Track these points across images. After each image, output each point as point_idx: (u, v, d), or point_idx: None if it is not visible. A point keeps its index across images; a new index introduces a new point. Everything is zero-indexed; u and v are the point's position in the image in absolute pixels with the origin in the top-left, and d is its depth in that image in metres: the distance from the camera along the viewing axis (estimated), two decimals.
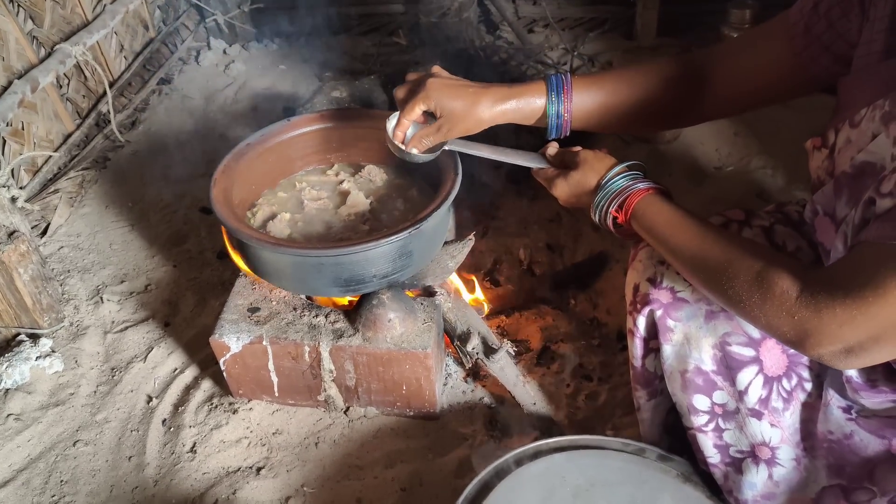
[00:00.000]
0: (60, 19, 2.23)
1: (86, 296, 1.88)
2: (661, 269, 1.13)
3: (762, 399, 1.06)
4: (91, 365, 1.70)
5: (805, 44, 1.05)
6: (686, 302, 1.10)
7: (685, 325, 1.10)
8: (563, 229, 2.00)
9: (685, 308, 1.10)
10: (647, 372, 1.22)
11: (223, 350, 1.46)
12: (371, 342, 1.41)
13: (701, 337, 1.09)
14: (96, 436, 1.55)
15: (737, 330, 1.06)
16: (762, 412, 1.07)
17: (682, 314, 1.10)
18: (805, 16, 1.05)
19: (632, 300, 1.18)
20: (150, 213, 2.16)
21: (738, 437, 1.11)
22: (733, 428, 1.11)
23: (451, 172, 1.44)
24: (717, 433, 1.13)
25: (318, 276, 1.36)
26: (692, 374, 1.10)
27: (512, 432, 1.50)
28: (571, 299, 1.80)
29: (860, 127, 0.90)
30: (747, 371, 1.06)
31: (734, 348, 1.07)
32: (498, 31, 2.93)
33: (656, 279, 1.13)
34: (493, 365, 1.50)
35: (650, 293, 1.13)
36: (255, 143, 1.56)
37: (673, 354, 1.13)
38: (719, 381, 1.09)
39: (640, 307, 1.14)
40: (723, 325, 1.07)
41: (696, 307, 1.09)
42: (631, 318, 1.18)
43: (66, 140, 2.27)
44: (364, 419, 1.54)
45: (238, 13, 2.93)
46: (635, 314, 1.16)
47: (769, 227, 1.16)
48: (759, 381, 1.06)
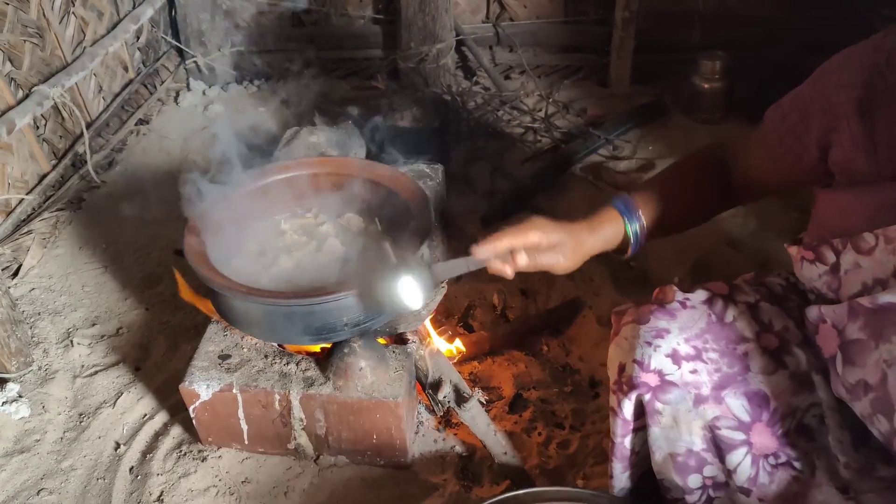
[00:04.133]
0: (39, 61, 2.24)
1: (56, 339, 1.87)
2: (647, 351, 1.10)
3: (751, 478, 1.06)
4: (58, 410, 1.68)
5: (780, 154, 1.08)
6: (675, 385, 1.08)
7: (673, 409, 1.08)
8: (536, 275, 2.01)
9: (673, 391, 1.08)
10: (626, 450, 1.19)
11: (193, 398, 1.45)
12: (342, 391, 1.41)
13: (691, 420, 1.07)
14: (61, 484, 1.52)
15: (726, 414, 1.05)
16: (751, 490, 1.06)
17: (670, 397, 1.08)
18: (776, 128, 1.08)
19: (616, 380, 1.14)
20: (124, 255, 2.15)
21: (727, 502, 1.11)
22: (723, 496, 1.11)
23: (424, 220, 1.45)
24: (707, 502, 1.12)
25: (289, 325, 1.36)
26: (684, 457, 1.09)
27: (483, 482, 1.50)
28: (544, 345, 1.81)
29: (874, 256, 0.90)
30: (737, 453, 1.06)
31: (724, 432, 1.06)
32: (475, 77, 2.98)
33: (644, 361, 1.10)
34: (464, 414, 1.51)
35: (638, 376, 1.09)
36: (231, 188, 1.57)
37: (662, 437, 1.10)
38: (709, 458, 1.09)
39: (627, 390, 1.11)
40: (712, 410, 1.06)
41: (684, 391, 1.07)
42: (615, 397, 1.14)
43: (41, 180, 2.26)
44: (334, 468, 1.53)
45: (218, 55, 2.95)
46: (620, 395, 1.12)
47: (755, 303, 1.14)
48: (749, 460, 1.06)
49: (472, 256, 1.14)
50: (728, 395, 1.06)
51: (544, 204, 2.28)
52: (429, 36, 2.79)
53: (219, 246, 1.50)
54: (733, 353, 1.09)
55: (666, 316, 1.12)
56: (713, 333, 1.11)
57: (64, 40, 2.34)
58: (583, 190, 2.35)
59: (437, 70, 2.87)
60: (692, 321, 1.11)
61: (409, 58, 2.85)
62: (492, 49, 2.97)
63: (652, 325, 1.12)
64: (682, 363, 1.08)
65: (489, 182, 2.40)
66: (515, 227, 1.15)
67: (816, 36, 2.70)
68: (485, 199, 2.32)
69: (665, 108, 2.70)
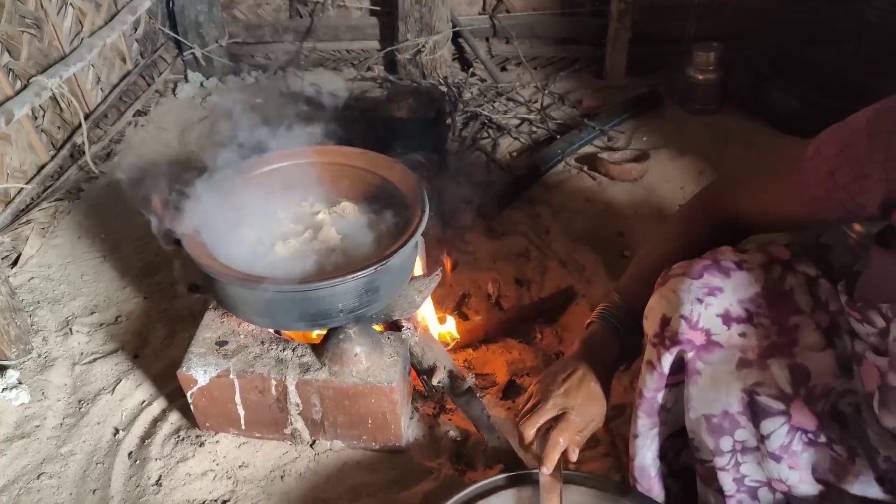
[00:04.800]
0: (38, 52, 2.25)
1: (55, 327, 1.89)
2: (698, 308, 1.05)
3: (784, 446, 1.03)
4: (58, 397, 1.70)
5: (827, 206, 1.01)
6: (720, 346, 1.05)
7: (714, 369, 1.05)
8: (530, 264, 2.04)
9: (717, 352, 1.05)
10: (657, 404, 1.16)
11: (190, 383, 1.47)
12: (337, 376, 1.43)
13: (730, 382, 1.04)
14: (61, 468, 1.55)
15: (769, 382, 1.03)
16: (782, 456, 1.04)
17: (713, 358, 1.05)
18: (822, 181, 0.99)
19: (658, 332, 1.10)
20: (123, 245, 2.17)
21: (755, 469, 1.08)
22: (751, 461, 1.08)
23: (419, 210, 1.47)
24: (735, 468, 1.09)
25: (285, 311, 1.38)
26: (719, 419, 1.06)
27: (476, 465, 1.52)
28: (538, 333, 1.83)
29: None
30: (774, 420, 1.03)
31: (763, 399, 1.03)
32: (471, 68, 3.00)
33: (692, 318, 1.05)
34: (458, 399, 1.53)
35: (684, 333, 1.06)
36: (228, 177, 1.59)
37: (698, 397, 1.08)
38: (742, 422, 1.05)
39: (670, 345, 1.08)
40: (754, 376, 1.04)
41: (729, 353, 1.05)
42: (655, 350, 1.11)
43: (39, 171, 2.28)
44: (330, 452, 1.55)
45: (215, 47, 2.97)
46: (661, 349, 1.09)
47: (814, 278, 1.09)
48: (784, 429, 1.03)
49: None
50: (773, 364, 1.03)
51: (539, 195, 2.30)
52: (425, 27, 2.80)
53: (215, 234, 1.53)
54: (785, 324, 1.05)
55: (720, 274, 1.07)
56: (768, 299, 1.06)
57: (62, 31, 2.36)
58: (578, 181, 2.37)
59: (434, 62, 2.88)
60: (748, 283, 1.07)
61: (405, 49, 2.87)
62: (488, 41, 2.99)
63: (704, 281, 1.07)
64: (732, 325, 1.05)
65: (484, 173, 2.42)
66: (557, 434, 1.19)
67: (810, 28, 2.73)
68: (480, 189, 2.33)
69: (660, 100, 2.71)
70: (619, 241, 2.10)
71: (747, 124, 2.60)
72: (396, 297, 1.53)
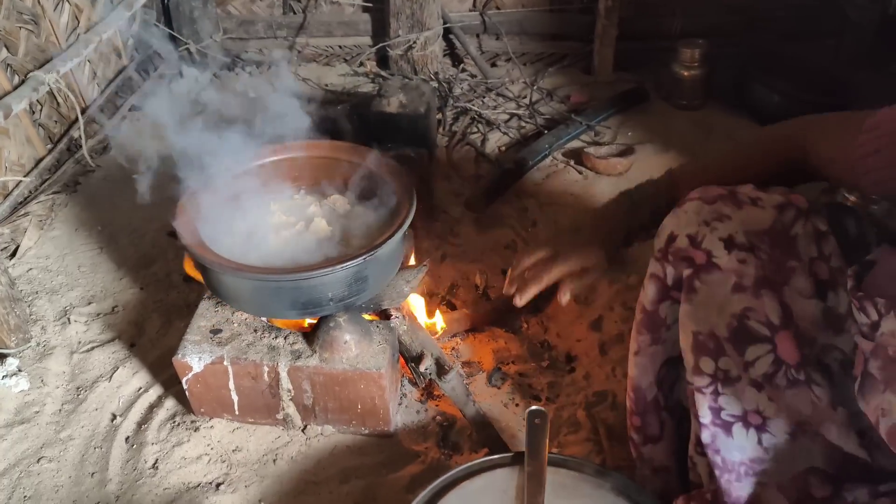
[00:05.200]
0: (35, 48, 2.29)
1: (53, 317, 1.93)
2: (704, 230, 1.12)
3: (767, 374, 1.07)
4: (57, 384, 1.75)
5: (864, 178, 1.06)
6: (719, 269, 1.10)
7: (710, 289, 1.10)
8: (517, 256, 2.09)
9: (715, 274, 1.10)
10: (657, 318, 1.22)
11: (186, 369, 1.52)
12: (328, 363, 1.48)
13: (724, 304, 1.09)
14: (60, 453, 1.60)
15: (759, 309, 1.07)
16: (763, 385, 1.07)
17: (710, 278, 1.10)
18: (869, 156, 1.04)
19: (662, 248, 1.17)
20: (119, 237, 2.22)
21: (732, 402, 1.11)
22: (730, 394, 1.11)
23: (407, 203, 1.52)
24: (713, 396, 1.12)
25: (277, 300, 1.43)
26: (705, 338, 1.11)
27: (462, 450, 1.58)
28: (523, 323, 1.88)
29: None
30: (759, 346, 1.07)
31: (752, 323, 1.07)
32: (462, 64, 3.04)
33: (697, 238, 1.12)
34: (444, 385, 1.58)
35: (686, 250, 1.13)
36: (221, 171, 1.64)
37: (691, 314, 1.12)
38: (728, 349, 1.10)
39: (672, 260, 1.15)
40: (747, 300, 1.08)
41: (726, 276, 1.09)
42: (659, 264, 1.18)
43: (37, 164, 2.32)
44: (321, 437, 1.60)
45: (210, 42, 3.01)
46: (665, 263, 1.16)
47: (824, 233, 1.13)
48: (769, 359, 1.07)
49: None
50: (765, 295, 1.07)
51: (526, 188, 2.35)
52: (416, 24, 2.85)
53: (209, 226, 1.57)
54: (783, 265, 1.09)
55: (732, 205, 1.13)
56: (771, 238, 1.11)
57: (58, 27, 2.40)
58: (564, 174, 2.42)
59: (425, 57, 2.93)
60: (756, 219, 1.12)
61: (397, 45, 2.91)
62: (478, 37, 3.04)
63: (716, 207, 1.13)
64: (733, 251, 1.09)
65: (473, 166, 2.48)
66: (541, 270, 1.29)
67: (794, 24, 2.78)
68: (469, 183, 2.39)
69: (646, 95, 2.77)
70: None
71: (731, 119, 2.66)
72: (385, 286, 1.58)
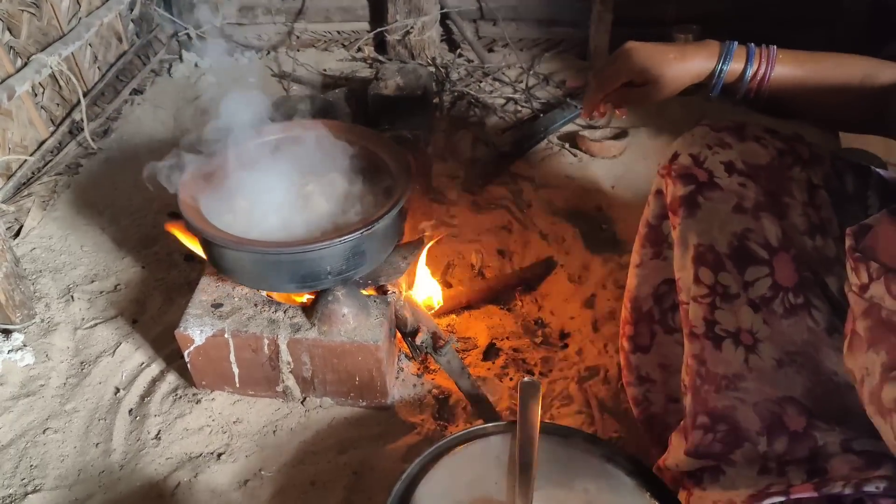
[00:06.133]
0: (37, 31, 2.32)
1: (57, 294, 1.97)
2: (706, 152, 1.16)
3: (765, 297, 1.08)
4: (61, 359, 1.79)
5: None
6: (720, 188, 1.13)
7: (712, 206, 1.13)
8: (512, 237, 2.13)
9: (717, 192, 1.13)
10: (660, 233, 1.28)
11: (187, 342, 1.56)
12: (326, 335, 1.52)
13: (725, 222, 1.12)
14: (65, 424, 1.64)
15: (759, 230, 1.10)
16: (761, 307, 1.09)
17: (713, 195, 1.13)
18: None
19: (667, 165, 1.21)
20: (121, 218, 2.25)
21: (727, 317, 1.12)
22: (727, 310, 1.12)
23: (404, 179, 1.56)
24: (710, 308, 1.13)
25: (276, 273, 1.47)
26: (705, 249, 1.13)
27: (457, 421, 1.62)
28: (518, 300, 1.92)
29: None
30: (758, 268, 1.10)
31: (751, 244, 1.10)
32: (459, 49, 3.07)
33: (699, 157, 1.16)
34: (440, 359, 1.62)
35: (690, 167, 1.16)
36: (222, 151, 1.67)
37: (693, 227, 1.15)
38: (728, 266, 1.11)
39: (675, 175, 1.18)
40: (747, 221, 1.11)
41: (728, 195, 1.13)
42: (662, 180, 1.23)
43: (40, 146, 2.36)
44: (320, 409, 1.64)
45: (209, 27, 3.04)
46: (668, 179, 1.20)
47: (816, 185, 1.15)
48: (768, 282, 1.09)
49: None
50: (765, 218, 1.11)
51: (522, 171, 2.39)
52: (414, 9, 2.88)
53: (210, 203, 1.61)
54: (779, 198, 1.13)
55: (735, 137, 1.17)
56: (769, 173, 1.14)
57: (60, 11, 2.42)
58: (559, 157, 2.45)
59: (423, 43, 2.96)
60: (756, 153, 1.16)
61: (394, 30, 2.94)
62: (476, 22, 3.06)
63: (721, 135, 1.18)
64: (734, 174, 1.13)
65: (470, 150, 2.51)
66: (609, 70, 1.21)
67: (786, 11, 2.81)
68: (466, 165, 2.42)
69: None
70: (598, 215, 2.19)
71: (723, 105, 2.68)
72: (382, 262, 1.62)
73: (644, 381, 1.42)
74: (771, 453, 1.07)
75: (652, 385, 1.41)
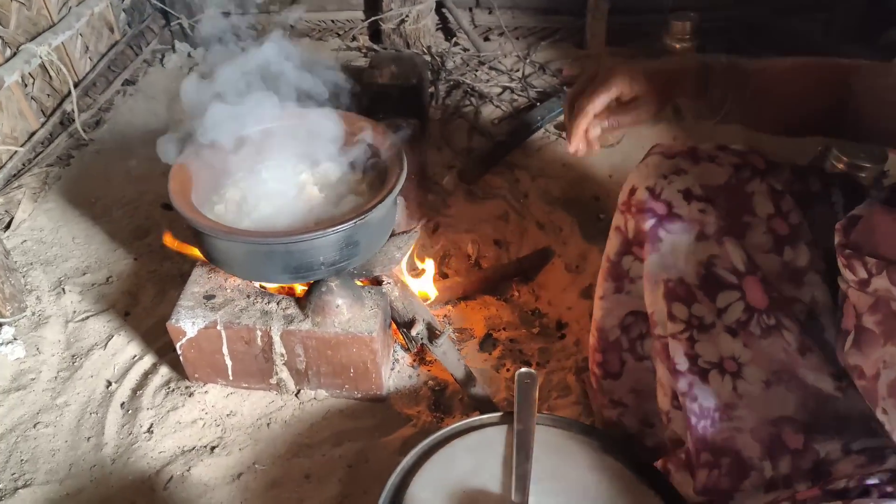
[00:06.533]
0: (26, 20, 2.29)
1: (48, 287, 1.95)
2: (662, 183, 1.15)
3: (740, 321, 1.08)
4: (52, 352, 1.77)
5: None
6: (680, 218, 1.13)
7: (675, 238, 1.13)
8: (509, 226, 2.11)
9: (678, 223, 1.13)
10: (620, 269, 1.26)
11: (179, 334, 1.54)
12: (320, 327, 1.50)
13: (689, 252, 1.12)
14: (56, 418, 1.62)
15: (724, 256, 1.09)
16: (738, 331, 1.08)
17: (674, 227, 1.13)
18: None
19: (625, 201, 1.20)
20: (113, 209, 2.23)
21: (708, 348, 1.11)
22: (706, 341, 1.12)
23: (397, 168, 1.54)
24: (689, 342, 1.13)
25: (268, 264, 1.45)
26: (675, 284, 1.13)
27: (454, 413, 1.60)
28: (515, 291, 1.90)
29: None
30: (729, 293, 1.09)
31: (719, 270, 1.09)
32: (455, 38, 3.04)
33: (656, 190, 1.15)
34: (436, 350, 1.60)
35: (647, 202, 1.15)
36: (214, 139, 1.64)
37: (658, 263, 1.14)
38: (699, 296, 1.11)
39: (635, 212, 1.17)
40: (711, 248, 1.10)
41: (689, 225, 1.12)
42: (622, 217, 1.22)
43: (30, 137, 2.33)
44: (314, 401, 1.62)
45: (202, 17, 3.00)
46: (627, 216, 1.19)
47: (780, 191, 1.13)
48: (741, 306, 1.08)
49: None
50: (728, 243, 1.09)
51: (518, 160, 2.36)
52: None
53: (202, 193, 1.59)
54: (738, 220, 1.11)
55: (690, 161, 1.16)
56: (727, 193, 1.13)
57: (50, 0, 2.39)
58: (556, 146, 2.43)
59: (418, 31, 2.93)
60: (712, 174, 1.14)
61: (389, 19, 2.91)
62: (471, 11, 3.03)
63: (675, 162, 1.16)
64: (692, 202, 1.12)
65: (466, 139, 2.48)
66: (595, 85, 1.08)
67: None
68: (461, 154, 2.40)
69: None
70: (595, 205, 2.17)
71: None
72: (376, 252, 1.60)
73: (617, 404, 1.40)
74: (777, 476, 1.06)
75: (625, 409, 1.40)
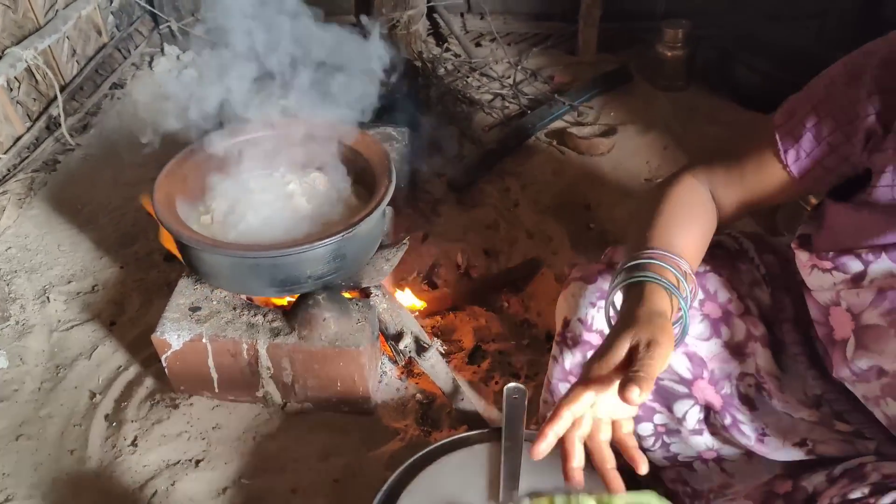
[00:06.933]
0: (12, 23, 2.26)
1: (32, 295, 1.92)
2: (591, 312, 1.12)
3: (700, 420, 1.10)
4: (36, 362, 1.75)
5: (807, 167, 0.97)
6: None
7: None
8: (499, 236, 2.10)
9: None
10: (558, 392, 1.22)
11: (165, 347, 1.52)
12: (307, 340, 1.48)
13: None
14: (39, 430, 1.59)
15: (668, 368, 1.08)
16: (703, 429, 1.10)
17: None
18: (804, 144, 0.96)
19: (561, 332, 1.17)
20: (100, 216, 2.20)
21: (683, 447, 1.14)
22: (678, 441, 1.14)
23: (385, 179, 1.52)
24: (664, 448, 1.15)
25: (255, 277, 1.43)
26: None
27: (442, 426, 1.59)
28: (504, 301, 1.89)
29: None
30: (683, 402, 1.10)
31: (667, 383, 1.10)
32: (446, 43, 3.03)
33: (587, 321, 1.12)
34: (424, 363, 1.59)
35: (582, 335, 1.13)
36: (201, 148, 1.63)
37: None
38: (657, 407, 1.12)
39: (572, 345, 1.15)
40: None
41: None
42: (558, 348, 1.17)
43: (15, 142, 2.30)
44: (301, 415, 1.61)
45: (192, 20, 2.98)
46: (564, 348, 1.16)
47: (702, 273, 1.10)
48: (696, 409, 1.10)
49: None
50: None
51: (509, 168, 2.35)
52: (400, 2, 2.82)
53: (188, 203, 1.57)
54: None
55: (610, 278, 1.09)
56: None
57: (36, 3, 2.36)
58: (547, 154, 2.42)
59: (409, 37, 2.90)
60: None
61: (380, 24, 2.89)
62: (463, 16, 3.02)
63: (598, 285, 1.13)
64: None
65: (457, 146, 2.47)
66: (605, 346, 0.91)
67: (776, 6, 2.78)
68: (452, 162, 2.38)
69: (629, 76, 2.76)
70: (586, 214, 2.16)
71: (713, 100, 2.66)
72: (364, 265, 1.58)
73: None
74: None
75: None
